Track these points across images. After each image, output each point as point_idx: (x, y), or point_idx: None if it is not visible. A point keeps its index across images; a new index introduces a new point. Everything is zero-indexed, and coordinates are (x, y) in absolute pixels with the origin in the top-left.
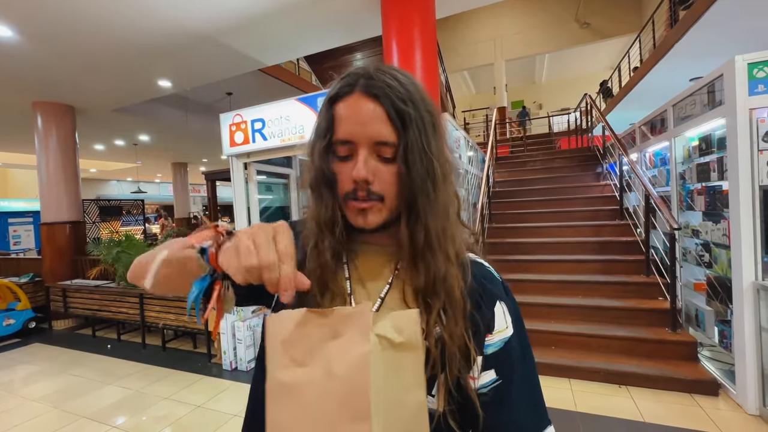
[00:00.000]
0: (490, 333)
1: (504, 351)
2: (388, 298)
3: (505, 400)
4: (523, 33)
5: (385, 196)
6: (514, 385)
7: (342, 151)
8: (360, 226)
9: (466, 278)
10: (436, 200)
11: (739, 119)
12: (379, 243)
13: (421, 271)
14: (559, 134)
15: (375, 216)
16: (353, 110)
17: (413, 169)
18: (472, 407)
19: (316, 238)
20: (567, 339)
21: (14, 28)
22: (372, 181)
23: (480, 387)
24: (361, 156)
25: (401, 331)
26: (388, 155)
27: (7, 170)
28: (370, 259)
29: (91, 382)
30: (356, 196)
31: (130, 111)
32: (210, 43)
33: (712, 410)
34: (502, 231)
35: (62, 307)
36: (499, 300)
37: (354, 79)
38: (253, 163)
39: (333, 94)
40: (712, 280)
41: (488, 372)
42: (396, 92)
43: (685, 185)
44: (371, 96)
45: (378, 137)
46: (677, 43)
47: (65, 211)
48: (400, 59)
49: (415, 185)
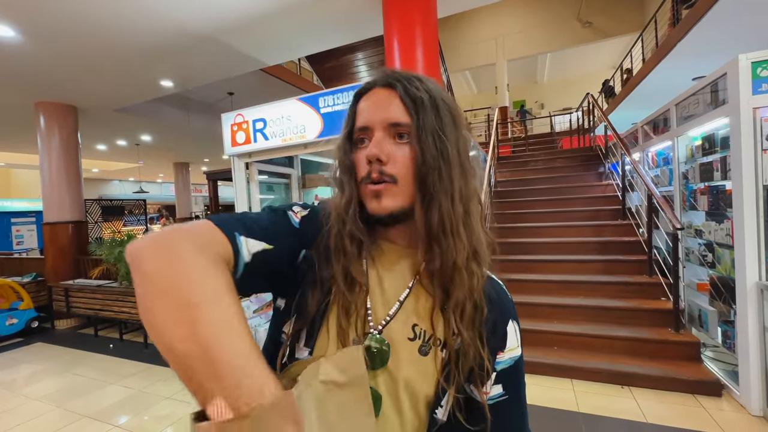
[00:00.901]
0: (502, 351)
1: (513, 369)
2: (407, 303)
3: (510, 413)
4: (524, 32)
5: (398, 179)
6: (520, 401)
7: (360, 139)
8: (374, 210)
9: (483, 274)
10: (450, 183)
11: (743, 118)
12: (399, 242)
13: (436, 255)
14: (561, 134)
15: (389, 199)
16: (371, 100)
17: (426, 149)
18: (475, 420)
19: (338, 226)
20: (569, 339)
21: (17, 29)
22: (386, 161)
23: (487, 400)
24: (377, 137)
25: (345, 371)
26: (402, 136)
27: (10, 170)
28: (390, 256)
29: (94, 382)
30: (370, 178)
31: (132, 111)
32: (211, 43)
33: (715, 411)
34: (504, 231)
35: (65, 307)
36: (512, 319)
37: (376, 76)
38: (254, 162)
39: (357, 92)
40: (716, 280)
41: (496, 386)
42: (412, 83)
43: (688, 185)
44: (387, 86)
45: (391, 119)
46: (680, 42)
47: (68, 211)
48: (402, 59)
49: (428, 165)
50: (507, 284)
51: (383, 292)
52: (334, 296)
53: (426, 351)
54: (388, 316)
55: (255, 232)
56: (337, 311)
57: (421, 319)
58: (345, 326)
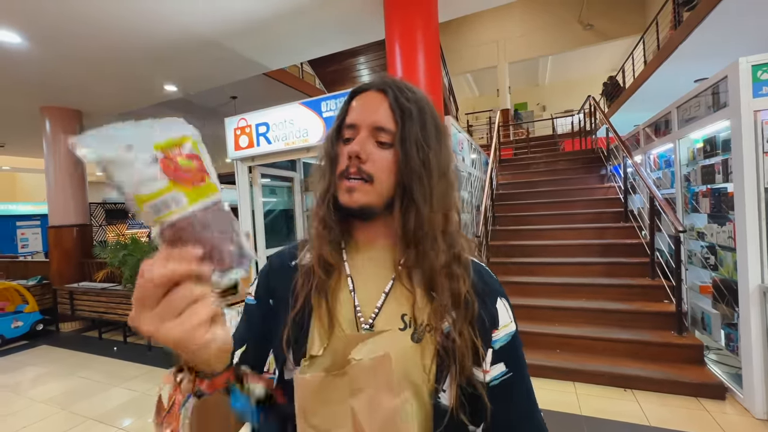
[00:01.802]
0: (496, 329)
1: (511, 345)
2: (392, 294)
3: (515, 390)
4: (526, 35)
5: (374, 178)
6: (524, 377)
7: (347, 134)
8: (345, 203)
9: (469, 275)
10: (430, 192)
11: (744, 121)
12: (377, 238)
13: (412, 256)
14: (563, 136)
15: (360, 195)
16: (363, 101)
17: (409, 157)
18: (481, 400)
19: (315, 212)
20: (571, 342)
21: (23, 35)
22: (365, 160)
23: (491, 380)
24: (361, 136)
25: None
26: (385, 141)
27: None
28: (368, 251)
29: (98, 384)
30: (348, 172)
31: (136, 115)
32: (214, 48)
33: (719, 414)
34: (506, 233)
35: (69, 310)
36: (500, 296)
37: (374, 79)
38: (257, 166)
39: (353, 90)
40: (718, 282)
41: (498, 365)
42: (403, 93)
43: (690, 187)
44: (380, 90)
45: (378, 123)
46: (681, 44)
47: (72, 215)
48: (403, 62)
49: (411, 172)
50: (508, 287)
51: (366, 286)
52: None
53: (419, 338)
54: (377, 308)
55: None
56: (321, 308)
57: (408, 309)
58: (333, 321)
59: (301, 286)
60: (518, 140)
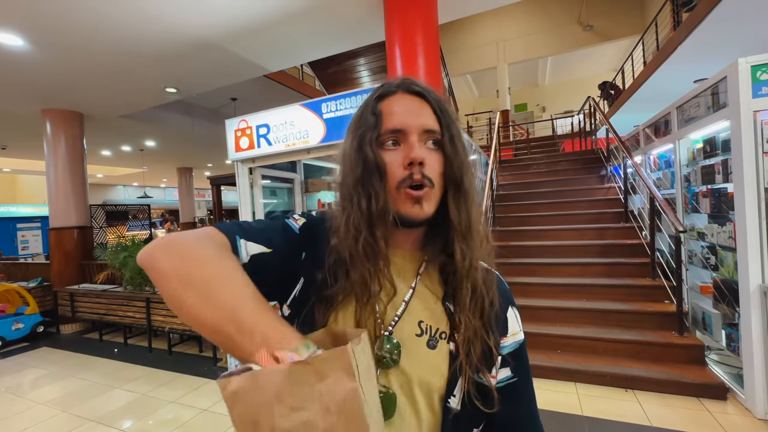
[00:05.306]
0: (505, 336)
1: (518, 352)
2: (411, 302)
3: (520, 395)
4: (525, 36)
5: (435, 183)
6: (528, 383)
7: (391, 141)
8: (414, 215)
9: (494, 282)
10: (471, 189)
11: (743, 121)
12: (404, 246)
13: (462, 254)
14: (563, 137)
15: (429, 204)
16: (402, 104)
17: (456, 157)
18: (483, 403)
19: (365, 232)
20: (572, 342)
21: (25, 38)
22: (425, 165)
23: (495, 384)
24: (413, 140)
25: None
26: (435, 143)
27: (15, 176)
28: (395, 260)
29: (98, 386)
30: (411, 181)
31: (137, 117)
32: (215, 51)
33: (720, 414)
34: (507, 234)
35: (70, 311)
36: (511, 305)
37: (393, 82)
38: (258, 167)
39: (378, 94)
40: (719, 282)
41: (503, 369)
42: (435, 96)
43: (690, 187)
44: (415, 93)
45: (427, 125)
46: (681, 45)
47: (73, 217)
48: (403, 64)
49: (459, 172)
50: (509, 287)
51: (390, 295)
52: (340, 302)
53: (434, 345)
54: (396, 316)
55: (254, 236)
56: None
57: (425, 316)
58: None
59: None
60: (518, 141)
